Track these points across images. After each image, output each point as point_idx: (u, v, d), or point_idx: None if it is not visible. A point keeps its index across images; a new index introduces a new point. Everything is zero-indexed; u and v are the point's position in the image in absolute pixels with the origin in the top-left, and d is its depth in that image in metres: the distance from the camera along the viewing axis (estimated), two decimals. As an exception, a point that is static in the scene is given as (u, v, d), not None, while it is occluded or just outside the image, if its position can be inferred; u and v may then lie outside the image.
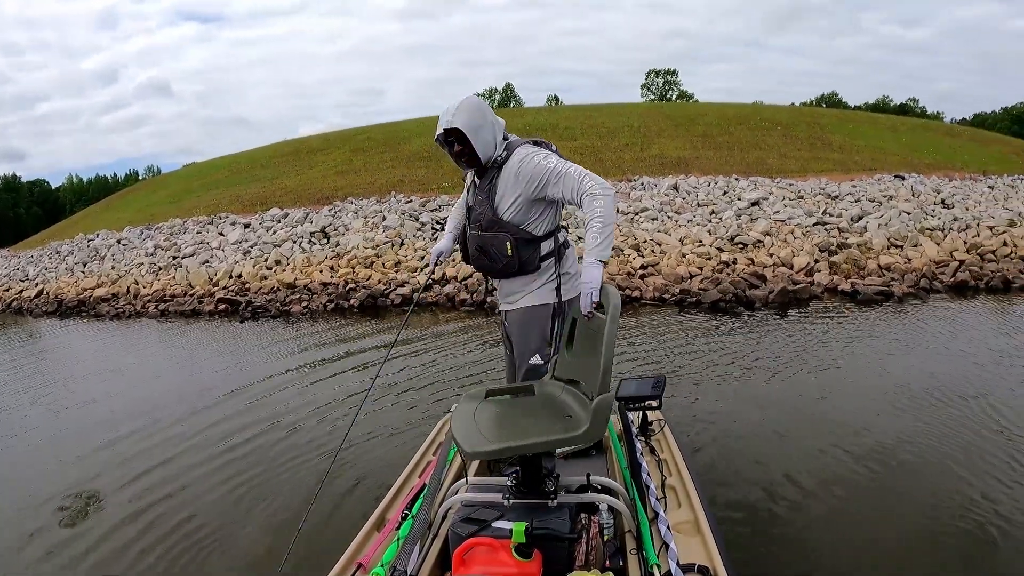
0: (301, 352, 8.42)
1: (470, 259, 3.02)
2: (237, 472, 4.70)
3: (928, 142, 28.18)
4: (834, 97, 72.09)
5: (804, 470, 4.16)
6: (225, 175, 28.87)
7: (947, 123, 51.49)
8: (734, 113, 31.84)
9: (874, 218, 14.02)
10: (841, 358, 6.79)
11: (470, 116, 2.68)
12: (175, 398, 6.75)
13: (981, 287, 10.45)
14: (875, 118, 36.73)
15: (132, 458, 5.12)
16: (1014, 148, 30.88)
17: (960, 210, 15.49)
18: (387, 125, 34.47)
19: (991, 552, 3.23)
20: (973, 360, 6.49)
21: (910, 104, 70.54)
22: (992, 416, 4.93)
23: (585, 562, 2.16)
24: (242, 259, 14.84)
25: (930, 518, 3.54)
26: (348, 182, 23.03)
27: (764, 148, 25.11)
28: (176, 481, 4.60)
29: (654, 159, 23.63)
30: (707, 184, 18.14)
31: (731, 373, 6.42)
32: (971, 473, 4.02)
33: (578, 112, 33.07)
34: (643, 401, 3.21)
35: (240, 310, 11.66)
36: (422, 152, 25.87)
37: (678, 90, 72.86)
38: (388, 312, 10.90)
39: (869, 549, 3.29)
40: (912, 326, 8.17)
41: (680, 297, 9.96)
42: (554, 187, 2.64)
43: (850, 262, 11.31)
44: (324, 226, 16.29)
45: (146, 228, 20.00)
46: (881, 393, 5.56)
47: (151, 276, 14.89)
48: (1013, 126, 56.05)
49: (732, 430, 4.88)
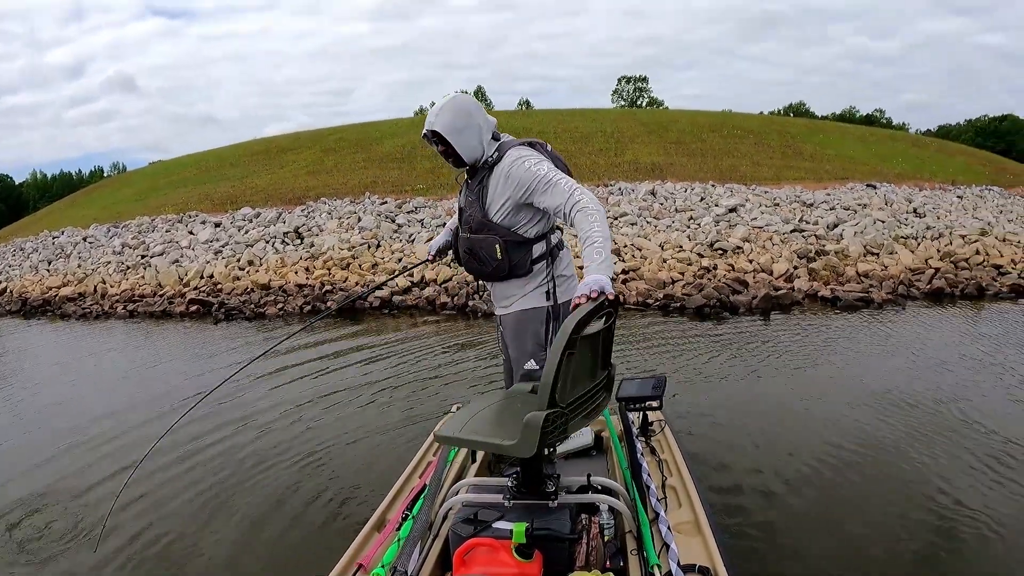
0: (275, 355, 8.17)
1: (461, 262, 2.95)
2: (201, 477, 4.58)
3: (896, 152, 28.67)
4: (802, 107, 73.36)
5: (804, 471, 4.18)
6: (193, 173, 28.30)
7: (914, 134, 52.48)
8: (706, 121, 32.11)
9: (850, 226, 14.17)
10: (829, 362, 6.86)
11: (453, 118, 2.62)
12: (140, 401, 6.50)
13: (957, 294, 10.64)
14: (844, 128, 37.32)
15: (94, 464, 4.93)
16: (980, 159, 31.60)
17: (932, 219, 15.75)
18: (359, 125, 34.15)
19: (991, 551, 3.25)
20: (962, 366, 6.55)
21: (876, 115, 71.99)
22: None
23: (586, 563, 2.14)
24: (213, 259, 14.49)
25: (930, 517, 3.56)
26: (320, 182, 22.72)
27: (737, 156, 25.33)
28: (137, 487, 4.40)
29: (628, 164, 23.69)
30: (684, 190, 18.20)
31: (724, 376, 6.43)
32: (973, 478, 4.01)
33: (551, 116, 33.10)
34: (643, 401, 3.22)
35: (213, 311, 11.35)
36: (395, 153, 25.67)
37: (648, 97, 73.41)
38: (366, 314, 10.68)
39: (869, 548, 3.30)
40: (894, 332, 8.25)
41: (664, 302, 9.92)
42: (541, 196, 2.54)
43: (829, 269, 11.38)
44: (297, 226, 16.01)
45: (113, 226, 19.47)
46: (870, 397, 5.61)
47: (119, 275, 14.45)
48: (977, 138, 57.52)
49: (729, 431, 4.89)
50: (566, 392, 1.99)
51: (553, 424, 1.96)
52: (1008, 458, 4.28)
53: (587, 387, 2.15)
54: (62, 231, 20.41)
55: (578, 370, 2.06)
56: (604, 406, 2.30)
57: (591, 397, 2.19)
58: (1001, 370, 6.35)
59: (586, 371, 2.14)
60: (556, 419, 1.96)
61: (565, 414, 2.00)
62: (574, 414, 2.09)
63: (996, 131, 62.18)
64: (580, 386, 2.10)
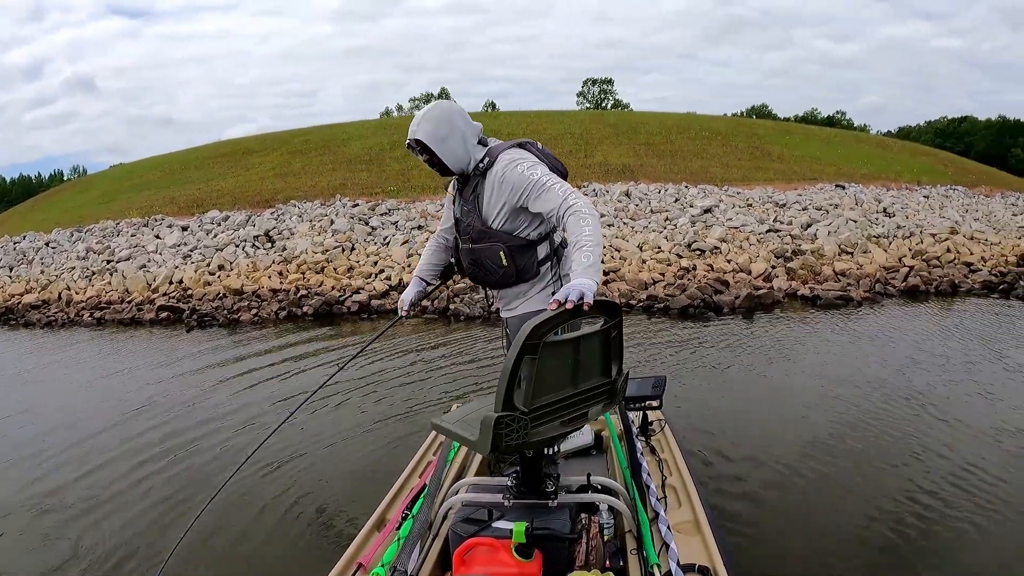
0: (242, 360, 8.01)
1: (465, 273, 2.86)
2: (200, 477, 4.52)
3: (861, 154, 29.10)
4: (765, 109, 74.15)
5: (804, 471, 4.21)
6: (157, 176, 27.61)
7: (877, 135, 53.43)
8: (673, 122, 32.28)
9: (823, 225, 14.31)
10: (820, 360, 6.92)
11: (435, 126, 2.55)
12: (104, 411, 6.30)
13: (931, 291, 10.91)
14: (809, 130, 37.84)
15: (51, 472, 4.79)
16: (942, 160, 32.26)
17: (901, 218, 16.01)
18: (325, 127, 33.64)
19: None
20: (960, 361, 6.64)
21: (838, 116, 73.09)
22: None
23: (585, 562, 2.15)
24: (182, 264, 14.09)
25: (933, 515, 3.59)
26: (288, 184, 22.32)
27: (706, 157, 25.48)
28: (93, 498, 4.32)
29: (598, 166, 23.67)
30: (658, 191, 18.25)
31: (717, 376, 6.45)
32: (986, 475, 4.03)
33: (519, 118, 32.93)
34: (643, 401, 3.25)
35: (184, 318, 11.00)
36: (363, 155, 25.36)
37: (614, 99, 73.67)
38: (344, 319, 10.48)
39: (869, 547, 3.33)
40: (877, 329, 8.39)
41: (647, 303, 9.88)
42: (535, 201, 2.47)
43: (806, 268, 11.46)
44: (268, 229, 15.67)
45: (76, 230, 18.81)
46: (867, 394, 5.67)
47: (84, 281, 13.95)
48: (936, 139, 58.86)
49: (726, 430, 4.90)
50: (528, 397, 1.92)
51: (508, 427, 1.90)
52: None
53: (566, 394, 2.06)
54: (23, 236, 19.71)
55: (551, 376, 1.99)
56: (598, 413, 2.21)
57: (574, 404, 2.10)
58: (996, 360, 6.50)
59: (564, 377, 2.05)
60: (511, 422, 1.90)
61: (523, 418, 1.91)
62: (547, 419, 2.01)
63: (955, 132, 63.78)
64: (555, 392, 2.02)
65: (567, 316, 1.92)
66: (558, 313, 1.91)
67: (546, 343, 1.90)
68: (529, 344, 1.86)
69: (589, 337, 2.07)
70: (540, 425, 1.99)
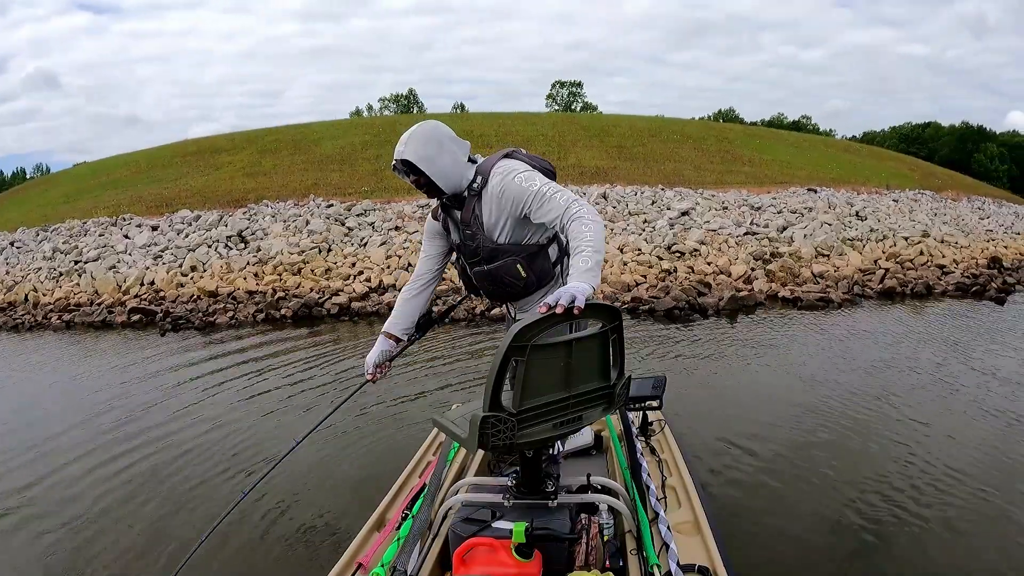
0: (220, 364, 7.81)
1: (482, 294, 2.76)
2: (199, 479, 4.45)
3: (829, 158, 29.60)
4: (732, 113, 74.95)
5: (803, 470, 4.24)
6: (124, 174, 27.01)
7: (844, 140, 54.31)
8: (644, 126, 32.48)
9: (799, 228, 14.48)
10: (809, 360, 7.05)
11: (422, 146, 2.45)
12: (67, 416, 6.09)
13: (907, 293, 11.18)
14: (778, 134, 38.39)
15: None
16: (908, 164, 32.95)
17: (874, 221, 16.27)
18: (295, 127, 33.18)
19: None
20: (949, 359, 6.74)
21: (804, 121, 74.16)
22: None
23: (585, 562, 2.13)
24: (153, 264, 13.73)
25: (935, 514, 3.62)
26: (259, 184, 21.98)
27: (679, 160, 25.68)
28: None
29: (572, 168, 23.69)
30: (634, 193, 18.31)
31: (711, 376, 6.52)
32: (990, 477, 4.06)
33: (489, 120, 32.79)
34: (643, 401, 3.24)
35: (158, 321, 10.72)
36: (335, 155, 25.10)
37: (583, 101, 73.88)
38: (324, 322, 10.31)
39: (869, 546, 3.35)
40: (860, 329, 8.55)
41: (632, 305, 9.89)
42: (537, 211, 2.39)
43: (785, 270, 11.57)
44: (241, 230, 15.37)
45: (42, 229, 18.26)
46: (862, 391, 5.79)
47: (52, 283, 13.51)
48: (901, 144, 60.09)
49: (725, 429, 4.92)
50: (517, 399, 1.91)
51: (494, 427, 1.89)
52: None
53: (557, 397, 2.02)
54: (-13, 235, 19.20)
55: (541, 378, 1.96)
56: (594, 418, 2.16)
57: (567, 407, 2.05)
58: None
59: (556, 380, 2.01)
60: (497, 423, 1.89)
61: (510, 419, 1.90)
62: (537, 421, 1.98)
63: (919, 137, 65.21)
64: (546, 395, 1.99)
65: (557, 319, 1.87)
66: (547, 316, 1.86)
67: (537, 346, 1.88)
68: (516, 346, 1.84)
69: (583, 341, 2.03)
70: (530, 427, 1.96)
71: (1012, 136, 67.05)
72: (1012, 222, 20.94)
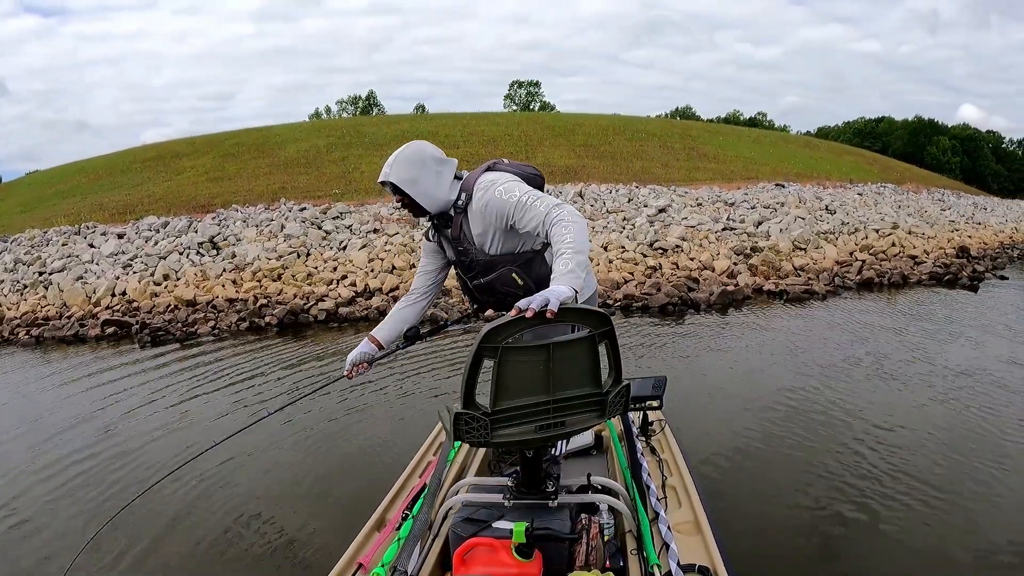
0: (206, 375, 7.58)
1: (487, 307, 2.75)
2: (198, 479, 4.38)
3: (790, 154, 30.16)
4: (689, 111, 75.91)
5: (803, 470, 4.25)
6: (81, 182, 26.24)
7: (802, 136, 55.35)
8: (608, 123, 32.73)
9: (774, 223, 14.71)
10: (803, 351, 7.19)
11: (406, 168, 2.49)
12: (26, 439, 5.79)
13: (885, 283, 11.55)
14: (738, 131, 39.01)
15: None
16: (867, 159, 33.74)
17: (843, 215, 16.62)
18: (256, 130, 32.63)
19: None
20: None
21: (759, 117, 75.46)
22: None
23: (585, 562, 2.15)
24: (123, 274, 13.30)
25: (937, 512, 3.63)
26: (224, 189, 21.54)
27: (645, 158, 25.90)
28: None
29: (542, 168, 23.06)
30: (610, 192, 18.41)
31: (710, 372, 6.58)
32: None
33: (453, 120, 32.64)
34: (643, 401, 3.26)
35: (135, 334, 10.32)
36: (300, 158, 24.73)
37: (541, 101, 74.13)
38: (311, 328, 10.12)
39: (869, 545, 3.35)
40: (844, 319, 8.84)
41: (625, 303, 9.94)
42: (520, 221, 2.37)
43: (767, 264, 11.75)
44: (212, 236, 15.01)
45: (1, 240, 17.71)
46: (857, 388, 5.87)
47: (15, 296, 12.95)
48: (855, 139, 61.59)
49: (724, 429, 4.94)
50: (492, 398, 1.92)
51: (468, 424, 1.92)
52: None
53: (537, 400, 1.99)
54: (-61, 248, 18.47)
55: (519, 380, 1.95)
56: (581, 423, 2.10)
57: (549, 411, 2.01)
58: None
59: (535, 383, 1.98)
60: (471, 420, 1.92)
61: (483, 418, 1.92)
62: (514, 422, 1.97)
63: (873, 132, 67.05)
64: (523, 397, 1.97)
65: (529, 323, 1.84)
66: (518, 319, 1.83)
67: (512, 348, 1.88)
68: (486, 347, 1.84)
69: (564, 345, 1.98)
70: (506, 427, 1.96)
71: (963, 129, 69.38)
72: (972, 212, 21.62)
